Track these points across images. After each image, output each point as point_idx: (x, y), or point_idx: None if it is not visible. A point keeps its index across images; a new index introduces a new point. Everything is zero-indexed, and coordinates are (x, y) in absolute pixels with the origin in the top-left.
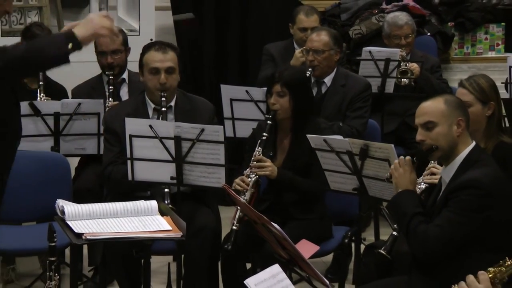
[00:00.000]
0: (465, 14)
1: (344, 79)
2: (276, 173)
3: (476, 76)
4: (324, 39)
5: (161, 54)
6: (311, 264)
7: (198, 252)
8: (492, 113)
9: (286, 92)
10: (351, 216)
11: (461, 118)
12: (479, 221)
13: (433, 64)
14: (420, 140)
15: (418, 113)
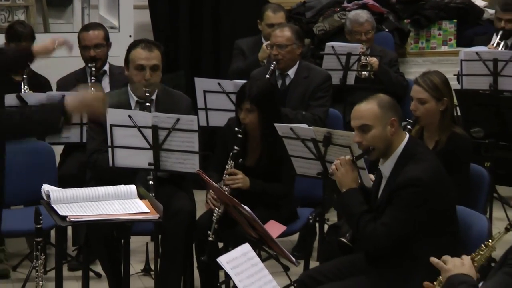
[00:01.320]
0: (420, 12)
1: (307, 71)
2: (248, 184)
3: (429, 73)
4: (287, 34)
5: (147, 52)
6: (278, 243)
7: (174, 232)
8: (446, 108)
9: (255, 108)
10: (315, 198)
11: (394, 118)
12: (423, 215)
13: (391, 58)
14: (357, 142)
15: (353, 116)
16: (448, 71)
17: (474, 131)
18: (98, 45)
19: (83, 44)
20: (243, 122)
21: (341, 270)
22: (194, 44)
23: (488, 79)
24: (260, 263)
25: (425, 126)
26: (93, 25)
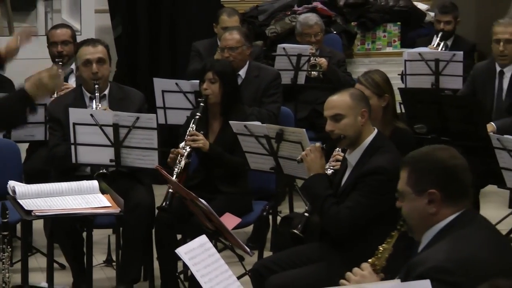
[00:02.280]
0: (366, 15)
1: (257, 71)
2: (207, 146)
3: (371, 72)
4: (236, 37)
5: (91, 47)
6: (234, 235)
7: (135, 225)
8: (387, 104)
9: (217, 79)
10: (268, 192)
11: (365, 109)
12: (385, 203)
13: (339, 59)
14: (330, 130)
15: (326, 106)
16: (393, 71)
17: (417, 127)
18: (65, 42)
19: (51, 40)
20: (205, 93)
21: (293, 259)
22: (152, 46)
23: (430, 78)
24: (216, 253)
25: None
26: (62, 24)
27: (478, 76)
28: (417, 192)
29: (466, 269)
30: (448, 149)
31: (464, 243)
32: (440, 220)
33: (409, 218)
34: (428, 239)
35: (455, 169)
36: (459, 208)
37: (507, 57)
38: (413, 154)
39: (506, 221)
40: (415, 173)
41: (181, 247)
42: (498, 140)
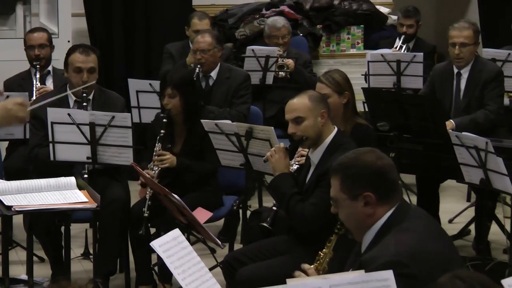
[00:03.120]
0: (331, 18)
1: (228, 72)
2: (175, 163)
3: (331, 72)
4: (208, 40)
5: (84, 56)
6: (205, 228)
7: (111, 220)
8: (347, 101)
9: (176, 93)
10: (239, 187)
11: (324, 110)
12: None
13: (305, 60)
14: (292, 132)
15: (287, 110)
16: (356, 71)
17: (380, 125)
18: (42, 45)
19: (28, 44)
20: (166, 107)
21: (262, 251)
22: (127, 48)
23: (392, 78)
24: (189, 246)
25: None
26: (38, 28)
27: (437, 77)
28: (352, 197)
29: (417, 260)
30: (373, 151)
31: (408, 236)
32: (378, 219)
33: (347, 222)
34: (370, 238)
35: (384, 169)
36: (393, 204)
37: (463, 60)
38: (342, 161)
39: (465, 213)
40: (347, 180)
41: (155, 240)
42: (457, 137)
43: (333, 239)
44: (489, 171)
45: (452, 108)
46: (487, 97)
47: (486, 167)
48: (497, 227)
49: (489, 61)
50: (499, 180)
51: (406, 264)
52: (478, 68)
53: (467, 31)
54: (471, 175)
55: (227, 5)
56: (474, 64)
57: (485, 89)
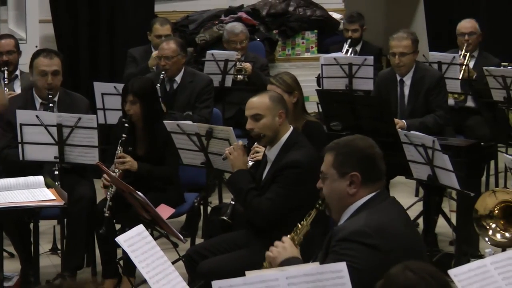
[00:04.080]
0: (287, 24)
1: (191, 77)
2: (136, 166)
3: (281, 74)
4: (173, 47)
5: (48, 59)
6: (168, 224)
7: (78, 216)
8: (297, 100)
9: (137, 100)
10: (199, 184)
11: (282, 110)
12: (302, 193)
13: (262, 63)
14: (250, 128)
15: (247, 107)
16: (311, 74)
17: (333, 124)
18: (10, 52)
19: None
20: (128, 113)
21: (223, 245)
22: (92, 53)
23: (344, 81)
24: (153, 241)
25: None
26: (5, 35)
27: (382, 84)
28: (341, 174)
29: (382, 234)
30: (367, 139)
31: (380, 214)
32: (357, 200)
33: (329, 198)
34: (346, 217)
35: (374, 156)
36: (375, 189)
37: (403, 67)
38: (338, 141)
39: (413, 208)
40: (339, 157)
41: (120, 236)
42: (406, 136)
43: (312, 213)
44: (436, 168)
45: (398, 114)
46: (434, 103)
47: (433, 164)
48: (443, 220)
49: (429, 67)
50: (445, 176)
51: (371, 234)
52: (420, 75)
53: (406, 41)
54: (419, 171)
55: (187, 11)
56: (415, 71)
57: (429, 96)
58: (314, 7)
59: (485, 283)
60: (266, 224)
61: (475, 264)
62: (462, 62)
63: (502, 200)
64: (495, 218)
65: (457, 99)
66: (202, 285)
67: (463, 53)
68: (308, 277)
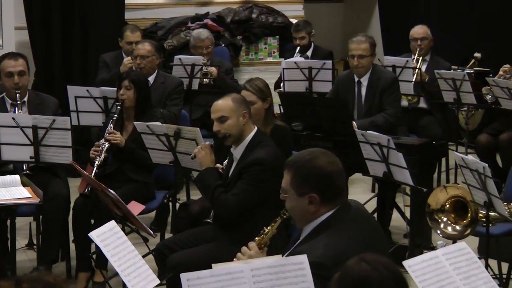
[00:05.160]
0: (250, 30)
1: (163, 78)
2: (123, 143)
3: (254, 80)
4: (148, 47)
5: (13, 61)
6: (139, 219)
7: (53, 213)
8: (269, 106)
9: (132, 86)
10: (168, 182)
11: (245, 111)
12: (266, 189)
13: (227, 67)
14: (217, 130)
15: (213, 110)
16: (273, 77)
17: (294, 125)
18: None
19: None
20: (121, 98)
21: (191, 239)
22: (66, 58)
23: (304, 83)
24: (124, 236)
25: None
26: None
27: (340, 85)
28: (299, 194)
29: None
30: (327, 155)
31: (338, 238)
32: (318, 217)
33: (291, 212)
34: (309, 231)
35: (332, 175)
36: (335, 205)
37: (362, 69)
38: (296, 159)
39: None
40: (297, 178)
41: (93, 231)
42: (362, 135)
43: (278, 220)
44: (391, 165)
45: (355, 113)
46: (386, 102)
47: (388, 162)
48: (398, 214)
49: (385, 70)
50: (399, 173)
51: (328, 267)
52: (376, 77)
53: (364, 44)
54: (375, 169)
55: (156, 18)
56: (372, 73)
57: (383, 95)
58: (275, 14)
59: (437, 273)
60: (233, 219)
61: (428, 256)
62: (415, 66)
63: (453, 195)
64: (446, 212)
65: (410, 101)
66: (171, 278)
67: (415, 57)
68: (271, 269)
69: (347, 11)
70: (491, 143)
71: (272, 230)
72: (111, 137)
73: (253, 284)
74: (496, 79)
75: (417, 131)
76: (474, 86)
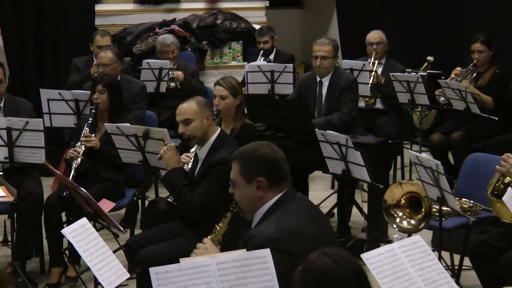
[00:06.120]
0: (215, 35)
1: (127, 83)
2: (98, 145)
3: (227, 77)
4: (110, 55)
5: None
6: (109, 216)
7: (27, 211)
8: (240, 103)
9: (106, 90)
10: (138, 181)
11: (209, 113)
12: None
13: (193, 70)
14: (181, 132)
15: (178, 113)
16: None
17: (258, 125)
18: None
19: None
20: (95, 102)
21: (159, 235)
22: (38, 62)
23: (267, 86)
24: (95, 232)
25: (224, 117)
26: None
27: (303, 85)
28: (248, 181)
29: (292, 238)
30: (270, 145)
31: (288, 217)
32: (266, 201)
33: (240, 202)
34: (259, 217)
35: (276, 161)
36: (281, 190)
37: (324, 70)
38: (242, 150)
39: (330, 199)
40: (245, 166)
41: (65, 228)
42: (322, 134)
43: (228, 215)
44: (349, 163)
45: (316, 111)
46: (343, 102)
47: (347, 160)
48: (356, 209)
49: (345, 71)
50: (357, 170)
51: (282, 240)
52: (336, 77)
53: (327, 46)
54: (334, 166)
55: (125, 24)
56: (333, 74)
57: (341, 95)
58: (239, 20)
59: (394, 265)
60: (198, 216)
61: (385, 249)
62: (371, 69)
63: (408, 191)
64: (401, 207)
65: (367, 102)
66: (141, 272)
67: (372, 61)
68: (236, 263)
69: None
70: (443, 141)
71: (223, 226)
72: (87, 141)
73: (219, 277)
74: (448, 81)
75: (373, 131)
76: (427, 88)
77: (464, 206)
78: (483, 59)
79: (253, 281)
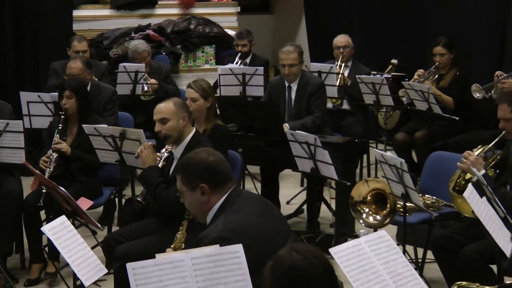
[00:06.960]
0: (188, 39)
1: (98, 90)
2: (70, 151)
3: (199, 80)
4: (78, 65)
5: None
6: (88, 214)
7: (7, 209)
8: (211, 105)
9: (73, 95)
10: (115, 179)
11: (185, 114)
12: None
13: (166, 71)
14: (158, 130)
15: (155, 112)
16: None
17: (230, 126)
18: None
19: None
20: (64, 107)
21: (136, 232)
22: (18, 66)
23: (238, 88)
24: (74, 229)
25: (196, 118)
26: None
27: (272, 89)
28: (191, 189)
29: (239, 234)
30: (206, 150)
31: (236, 215)
32: (213, 204)
33: (190, 209)
34: (209, 219)
35: (213, 164)
36: (226, 191)
37: (292, 76)
38: (182, 160)
39: (299, 196)
40: (185, 175)
41: (45, 226)
42: (292, 134)
43: (184, 223)
44: (318, 162)
45: (286, 114)
46: (313, 105)
47: (315, 158)
48: (325, 206)
49: (313, 75)
50: (325, 169)
51: (229, 238)
52: (304, 82)
53: (293, 54)
54: (303, 165)
55: (102, 29)
56: (301, 78)
57: (311, 99)
58: (212, 25)
59: (360, 259)
60: (173, 213)
61: (352, 243)
62: (338, 71)
63: (374, 188)
64: (367, 203)
65: (334, 103)
66: (118, 267)
67: (339, 64)
68: (210, 258)
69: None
70: (407, 140)
71: (182, 233)
72: (58, 147)
73: (193, 271)
74: (411, 83)
75: (341, 131)
76: (391, 89)
77: (427, 202)
78: (444, 62)
79: (226, 275)
